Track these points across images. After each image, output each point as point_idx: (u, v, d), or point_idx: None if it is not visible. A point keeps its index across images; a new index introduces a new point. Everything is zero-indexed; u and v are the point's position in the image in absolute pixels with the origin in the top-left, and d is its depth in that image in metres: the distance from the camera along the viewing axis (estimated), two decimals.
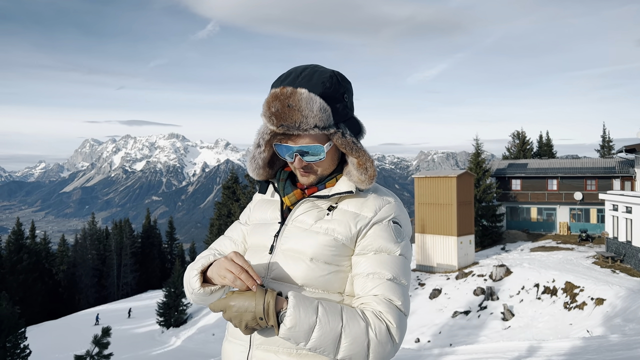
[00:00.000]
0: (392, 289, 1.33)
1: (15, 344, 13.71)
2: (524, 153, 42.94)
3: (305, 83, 1.35)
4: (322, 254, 1.39)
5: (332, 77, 1.39)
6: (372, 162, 1.43)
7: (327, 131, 1.37)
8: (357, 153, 1.42)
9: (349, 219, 1.41)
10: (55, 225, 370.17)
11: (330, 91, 1.36)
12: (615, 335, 11.33)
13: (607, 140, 45.17)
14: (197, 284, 1.43)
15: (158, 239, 56.32)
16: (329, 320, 1.24)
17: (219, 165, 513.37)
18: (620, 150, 29.63)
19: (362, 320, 1.26)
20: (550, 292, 17.91)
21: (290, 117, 1.32)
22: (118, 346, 9.74)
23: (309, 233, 1.41)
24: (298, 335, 1.23)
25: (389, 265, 1.36)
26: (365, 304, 1.32)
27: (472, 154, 34.74)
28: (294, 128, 1.33)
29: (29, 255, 39.85)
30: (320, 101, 1.33)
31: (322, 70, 1.40)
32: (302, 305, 1.24)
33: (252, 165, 1.53)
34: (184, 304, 28.85)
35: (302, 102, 1.32)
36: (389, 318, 1.28)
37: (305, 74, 1.37)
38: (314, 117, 1.32)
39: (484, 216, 32.33)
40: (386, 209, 1.44)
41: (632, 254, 20.66)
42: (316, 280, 1.38)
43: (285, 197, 1.50)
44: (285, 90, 1.34)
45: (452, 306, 19.60)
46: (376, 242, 1.39)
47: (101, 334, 7.01)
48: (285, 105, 1.32)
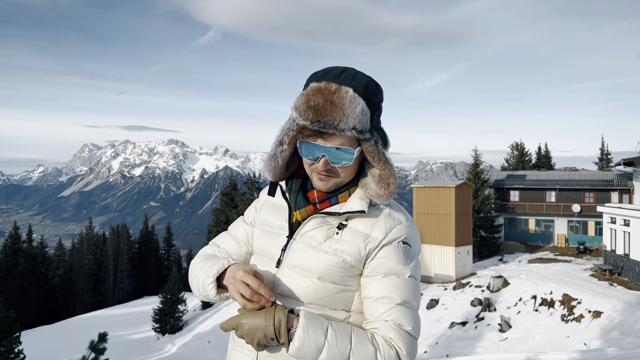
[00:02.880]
0: (403, 313, 1.32)
1: (9, 348, 13.61)
2: (522, 164, 43.04)
3: (349, 82, 1.31)
4: (330, 274, 1.37)
5: (372, 82, 1.36)
6: (395, 179, 1.38)
7: (362, 135, 1.32)
8: (384, 165, 1.38)
9: (358, 240, 1.38)
10: (52, 229, 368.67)
11: (371, 96, 1.33)
12: (612, 348, 11.30)
13: (605, 153, 45.31)
14: (213, 292, 1.39)
15: (155, 245, 56.08)
16: (337, 343, 1.24)
17: (218, 172, 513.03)
18: (619, 163, 29.74)
19: (372, 344, 1.26)
20: (547, 304, 17.87)
21: (331, 114, 1.27)
22: (113, 352, 9.69)
23: (318, 252, 1.38)
24: (306, 356, 1.24)
25: (398, 289, 1.34)
26: (376, 328, 1.32)
27: (470, 164, 34.84)
28: (331, 126, 1.28)
29: (25, 259, 39.66)
30: (363, 103, 1.30)
31: (362, 74, 1.36)
32: (311, 326, 1.24)
33: (271, 164, 1.46)
34: (180, 311, 28.70)
35: (346, 100, 1.27)
36: (399, 345, 1.28)
37: (347, 74, 1.34)
38: (354, 118, 1.28)
39: (482, 227, 32.35)
40: (397, 230, 1.40)
41: (630, 267, 20.65)
42: (322, 298, 1.38)
43: (297, 212, 1.45)
44: (329, 85, 1.29)
45: (449, 317, 19.53)
46: (385, 265, 1.37)
47: (97, 339, 6.97)
48: (328, 100, 1.27)
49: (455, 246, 25.08)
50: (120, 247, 49.47)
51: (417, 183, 28.31)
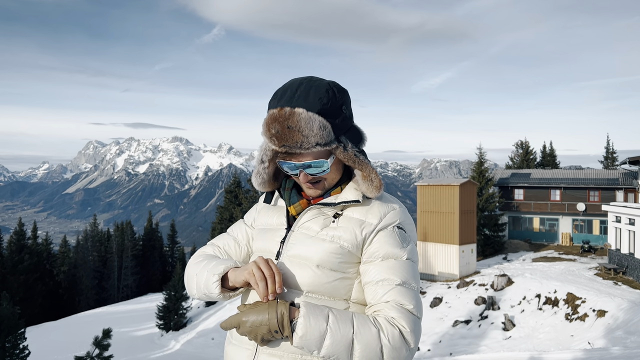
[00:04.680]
0: (403, 293, 1.34)
1: (14, 344, 13.70)
2: (527, 163, 42.89)
3: (302, 102, 1.33)
4: (328, 261, 1.40)
5: (328, 91, 1.36)
6: (376, 173, 1.44)
7: (329, 147, 1.36)
8: (360, 165, 1.42)
9: (354, 226, 1.42)
10: (57, 226, 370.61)
11: (328, 107, 1.35)
12: (616, 347, 11.26)
13: (611, 152, 45.11)
14: (217, 290, 1.41)
15: (159, 242, 56.29)
16: (339, 328, 1.25)
17: (222, 169, 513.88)
18: (624, 162, 29.53)
19: (374, 326, 1.27)
20: (551, 303, 17.83)
21: (292, 138, 1.32)
22: (117, 349, 9.75)
23: (315, 240, 1.42)
24: (310, 344, 1.24)
25: (397, 271, 1.37)
26: (378, 310, 1.34)
27: (475, 162, 34.73)
28: (296, 147, 1.33)
29: (30, 256, 39.88)
30: (319, 119, 1.32)
31: (318, 84, 1.37)
32: (312, 314, 1.26)
33: (258, 179, 1.54)
34: (183, 308, 28.78)
35: (301, 122, 1.31)
36: (402, 323, 1.29)
37: (301, 91, 1.35)
38: (314, 136, 1.31)
39: (486, 225, 32.27)
40: (391, 215, 1.45)
41: (635, 266, 20.56)
42: (322, 286, 1.39)
43: (291, 207, 1.51)
44: (283, 111, 1.33)
45: (452, 315, 19.52)
46: (382, 249, 1.40)
47: (102, 335, 6.99)
48: (284, 127, 1.31)
49: (459, 244, 25.02)
50: (125, 244, 49.65)
51: (421, 181, 28.24)
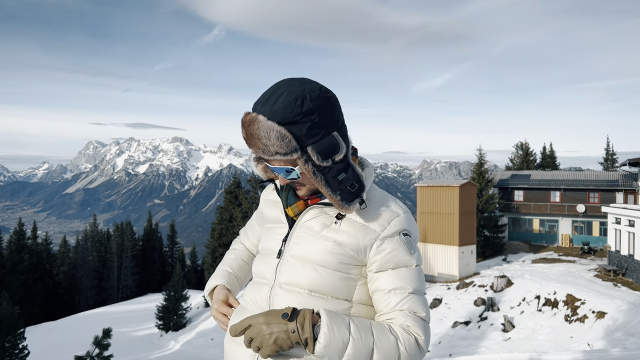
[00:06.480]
0: (416, 301, 1.38)
1: (14, 344, 13.68)
2: (527, 164, 42.89)
3: (268, 109, 1.30)
4: (330, 262, 1.41)
5: (297, 99, 1.30)
6: (332, 197, 1.36)
7: (290, 156, 1.32)
8: (316, 182, 1.36)
9: (357, 231, 1.41)
10: (56, 226, 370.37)
11: (291, 116, 1.29)
12: (616, 349, 11.25)
13: (610, 153, 45.09)
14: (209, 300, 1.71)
15: (159, 243, 56.24)
16: (361, 337, 1.26)
17: (222, 170, 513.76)
18: (624, 164, 29.54)
19: (392, 334, 1.30)
20: (551, 305, 17.82)
21: (256, 145, 1.32)
22: (117, 349, 9.76)
23: (317, 239, 1.43)
24: (333, 353, 1.24)
25: (409, 279, 1.40)
26: (392, 318, 1.36)
27: (475, 164, 34.75)
28: (261, 153, 1.34)
29: (30, 256, 39.86)
30: (277, 129, 1.28)
31: (291, 90, 1.32)
32: (335, 323, 1.26)
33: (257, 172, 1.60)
34: (183, 308, 28.75)
35: (260, 130, 1.30)
36: (417, 331, 1.33)
37: (274, 97, 1.32)
38: (273, 145, 1.30)
39: (486, 226, 32.28)
40: (395, 222, 1.44)
41: (635, 267, 20.57)
42: (325, 286, 1.40)
43: (289, 209, 1.50)
44: (247, 117, 1.33)
45: (452, 316, 19.51)
46: (393, 259, 1.41)
47: (101, 335, 7.00)
48: (248, 133, 1.33)
49: (459, 246, 25.03)
50: (124, 244, 49.61)
51: (421, 182, 28.24)
